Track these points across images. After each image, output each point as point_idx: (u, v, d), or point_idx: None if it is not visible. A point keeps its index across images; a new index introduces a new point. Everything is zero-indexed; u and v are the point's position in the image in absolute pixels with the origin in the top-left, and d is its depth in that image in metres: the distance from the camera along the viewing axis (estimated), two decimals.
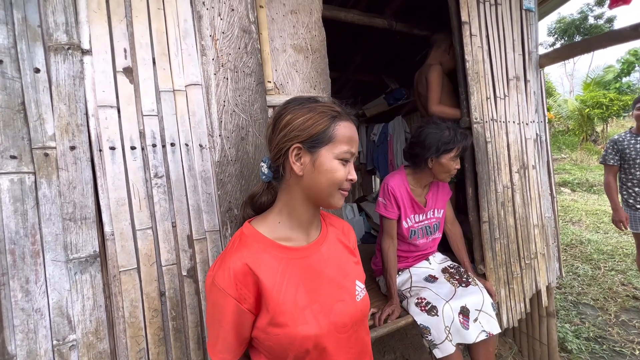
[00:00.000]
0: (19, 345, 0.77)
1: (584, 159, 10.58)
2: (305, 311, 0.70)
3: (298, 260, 0.75)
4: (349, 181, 0.74)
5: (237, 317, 0.68)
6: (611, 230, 4.56)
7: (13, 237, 0.77)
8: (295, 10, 1.25)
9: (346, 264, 0.82)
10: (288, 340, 0.68)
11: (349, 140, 0.72)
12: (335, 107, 0.74)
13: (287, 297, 0.70)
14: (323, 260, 0.78)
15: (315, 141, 0.71)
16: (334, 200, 0.74)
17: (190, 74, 1.00)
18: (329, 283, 0.76)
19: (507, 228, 1.72)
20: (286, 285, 0.71)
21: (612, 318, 2.54)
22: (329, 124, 0.71)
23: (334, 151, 0.71)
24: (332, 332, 0.72)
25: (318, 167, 0.71)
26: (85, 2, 0.87)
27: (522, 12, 1.84)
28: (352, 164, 0.75)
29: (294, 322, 0.68)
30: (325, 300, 0.74)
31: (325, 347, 0.71)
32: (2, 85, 0.78)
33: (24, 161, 0.79)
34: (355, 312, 0.77)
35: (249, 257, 0.70)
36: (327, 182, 0.71)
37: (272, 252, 0.73)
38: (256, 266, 0.69)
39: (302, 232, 0.78)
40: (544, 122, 1.97)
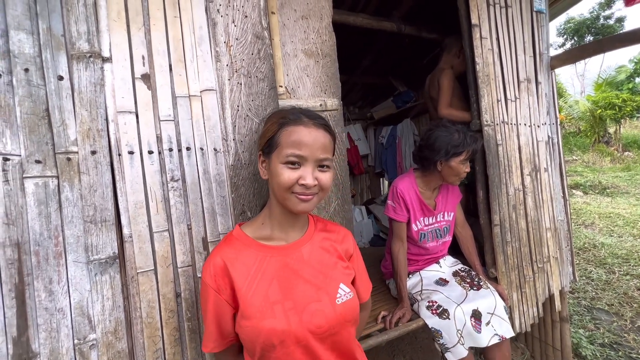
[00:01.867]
0: (42, 343, 0.79)
1: (596, 161, 10.38)
2: (276, 306, 0.73)
3: (274, 258, 0.79)
4: (302, 186, 0.73)
5: (217, 307, 0.75)
6: (626, 233, 4.46)
7: (37, 239, 0.80)
8: (306, 15, 1.27)
9: (331, 267, 0.83)
10: (255, 332, 0.71)
11: (294, 143, 0.73)
12: (285, 114, 0.78)
13: (258, 291, 0.74)
14: (302, 260, 0.81)
15: (268, 147, 0.78)
16: (290, 204, 0.75)
17: (205, 79, 1.03)
18: (305, 283, 0.78)
19: (518, 231, 1.71)
20: (259, 280, 0.75)
21: (627, 324, 2.48)
22: (276, 131, 0.77)
23: (279, 156, 0.74)
24: (302, 331, 0.73)
25: (270, 172, 0.77)
26: (106, 12, 0.90)
27: (532, 13, 1.83)
28: (313, 169, 0.74)
29: (262, 315, 0.72)
30: (298, 298, 0.76)
31: (294, 345, 0.72)
32: (27, 93, 0.81)
33: (47, 165, 0.82)
34: (334, 314, 0.77)
35: (227, 254, 0.78)
36: (277, 186, 0.75)
37: (251, 249, 0.79)
38: (231, 263, 0.76)
39: (282, 233, 0.83)
40: (555, 124, 1.95)
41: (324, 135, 0.76)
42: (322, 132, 0.76)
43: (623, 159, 10.44)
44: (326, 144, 0.76)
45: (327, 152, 0.77)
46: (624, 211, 5.51)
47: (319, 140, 0.75)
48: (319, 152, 0.74)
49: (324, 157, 0.75)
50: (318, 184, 0.75)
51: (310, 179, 0.73)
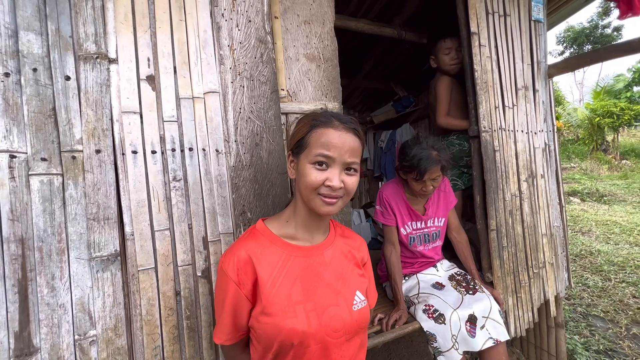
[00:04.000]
0: (44, 338, 0.80)
1: (594, 169, 10.44)
2: (297, 306, 0.74)
3: (298, 258, 0.80)
4: (328, 187, 0.74)
5: (235, 300, 0.75)
6: (622, 241, 4.49)
7: (41, 235, 0.81)
8: (309, 20, 1.30)
9: (349, 273, 0.85)
10: (276, 330, 0.72)
11: (323, 145, 0.74)
12: (317, 117, 0.79)
13: (281, 290, 0.75)
14: (324, 264, 0.82)
15: (298, 148, 0.79)
16: (314, 205, 0.76)
17: (209, 82, 1.05)
18: (326, 286, 0.79)
19: (515, 236, 1.73)
20: (283, 279, 0.76)
21: (622, 331, 2.49)
22: (307, 132, 0.77)
23: (309, 156, 0.75)
24: (320, 333, 0.74)
25: (299, 172, 0.78)
26: (113, 14, 0.92)
27: (530, 22, 1.86)
28: (340, 171, 0.75)
29: (284, 314, 0.73)
30: (319, 301, 0.77)
31: (311, 346, 0.74)
32: (35, 92, 0.83)
33: (53, 163, 0.84)
34: (350, 320, 0.78)
35: (253, 248, 0.77)
36: (303, 186, 0.76)
37: (276, 246, 0.79)
38: (256, 258, 0.76)
39: (306, 234, 0.83)
40: (552, 132, 1.98)
41: (353, 139, 0.76)
42: (351, 136, 0.77)
43: (620, 167, 10.51)
44: (354, 148, 0.76)
45: (355, 156, 0.77)
46: (620, 219, 5.54)
47: (347, 144, 0.75)
48: (347, 155, 0.75)
49: (351, 161, 0.76)
50: (344, 187, 0.75)
51: (337, 181, 0.74)
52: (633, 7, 1.57)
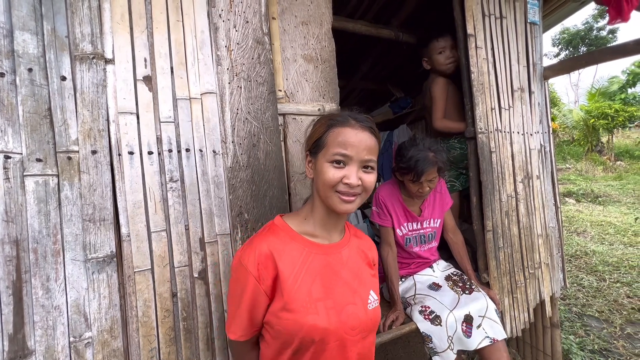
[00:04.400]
0: (38, 340, 0.79)
1: (589, 170, 10.53)
2: (318, 303, 0.75)
3: (318, 256, 0.80)
4: (346, 185, 0.75)
5: (254, 295, 0.75)
6: (616, 241, 4.53)
7: (36, 237, 0.81)
8: (306, 21, 1.30)
9: (363, 273, 0.86)
10: (297, 326, 0.73)
11: (340, 143, 0.75)
12: (334, 116, 0.81)
13: (302, 286, 0.75)
14: (342, 262, 0.83)
15: (315, 147, 0.81)
16: (332, 202, 0.77)
17: (206, 82, 1.05)
18: (344, 284, 0.80)
19: (511, 237, 1.74)
20: (304, 275, 0.76)
21: (617, 331, 2.52)
22: (324, 132, 0.79)
23: (326, 155, 0.77)
24: (339, 330, 0.76)
25: (317, 171, 0.80)
26: (110, 14, 0.92)
27: (526, 25, 1.88)
28: (357, 169, 0.76)
29: (306, 310, 0.73)
30: (338, 299, 0.78)
31: (330, 343, 0.75)
32: (30, 92, 0.82)
33: (48, 164, 0.83)
34: (366, 319, 0.80)
35: (274, 244, 0.77)
36: (321, 184, 0.77)
37: (296, 243, 0.80)
38: (278, 253, 0.76)
39: (324, 232, 0.84)
40: (548, 133, 2.00)
41: (369, 137, 0.78)
42: (367, 134, 0.78)
43: (615, 168, 10.61)
44: (371, 146, 0.78)
45: (372, 154, 0.78)
46: (615, 219, 5.60)
47: (364, 142, 0.76)
48: (364, 153, 0.76)
49: (368, 158, 0.77)
50: (361, 185, 0.76)
51: (355, 179, 0.75)
52: (622, 12, 1.59)
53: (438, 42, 1.92)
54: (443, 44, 1.91)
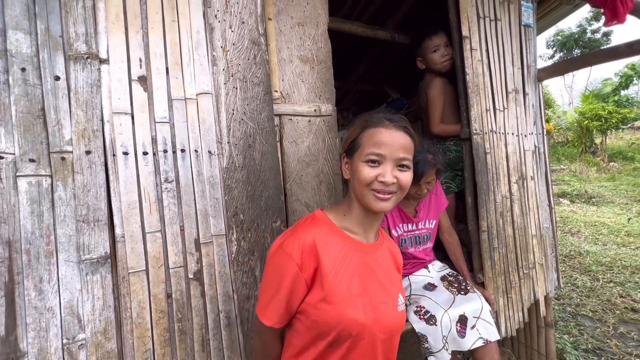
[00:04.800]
0: (31, 342, 0.79)
1: (582, 171, 10.64)
2: (357, 299, 0.76)
3: (357, 253, 0.82)
4: (381, 183, 0.76)
5: (294, 283, 0.75)
6: (610, 242, 4.58)
7: (29, 238, 0.80)
8: (303, 22, 1.30)
9: (393, 275, 0.88)
10: (337, 319, 0.74)
11: (375, 143, 0.77)
12: (369, 118, 0.83)
13: (343, 280, 0.76)
14: (377, 262, 0.84)
15: (351, 149, 0.83)
16: (367, 201, 0.79)
17: (202, 83, 1.04)
18: (378, 284, 0.82)
19: (505, 238, 1.75)
20: (344, 270, 0.78)
21: (610, 330, 2.54)
22: (359, 133, 0.82)
23: (361, 155, 0.79)
24: (374, 327, 0.77)
25: (352, 171, 0.82)
26: (104, 14, 0.92)
27: (521, 27, 1.90)
28: (392, 168, 0.77)
29: (346, 304, 0.74)
30: (373, 296, 0.79)
31: (365, 339, 0.76)
32: (23, 92, 0.81)
33: (42, 164, 0.82)
34: (395, 319, 0.82)
35: (318, 235, 0.78)
36: (357, 183, 0.79)
37: (338, 237, 0.81)
38: (321, 245, 0.77)
39: (362, 230, 0.85)
40: (542, 135, 2.02)
41: (403, 137, 0.79)
42: (401, 133, 0.79)
43: (608, 169, 10.73)
44: (405, 145, 0.79)
45: (407, 153, 0.79)
46: (608, 220, 5.66)
47: (398, 141, 0.78)
48: (399, 152, 0.77)
49: (403, 157, 0.78)
50: (397, 183, 0.77)
51: (389, 177, 0.76)
52: (618, 14, 1.61)
53: (432, 40, 1.87)
54: (437, 42, 1.87)
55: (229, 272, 1.05)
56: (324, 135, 1.29)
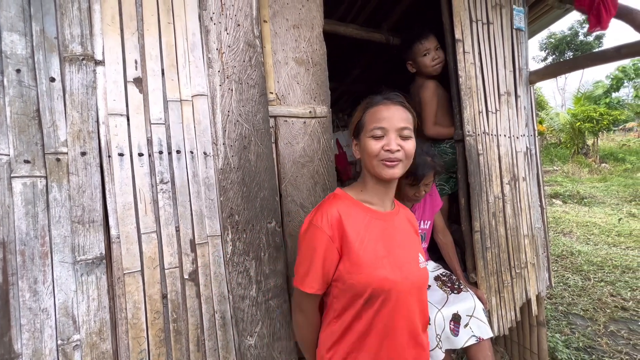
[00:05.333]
0: (25, 344, 0.79)
1: (575, 172, 10.78)
2: (384, 260, 0.86)
3: (378, 221, 0.92)
4: (387, 151, 0.85)
5: (327, 252, 0.85)
6: (601, 242, 4.65)
7: (23, 239, 0.80)
8: (298, 25, 1.31)
9: (411, 238, 0.99)
10: (369, 279, 0.83)
11: (377, 119, 0.88)
12: (369, 100, 0.94)
13: (368, 246, 0.86)
14: (395, 228, 0.95)
15: (357, 130, 0.94)
16: (378, 171, 0.88)
17: (197, 84, 1.05)
18: (399, 246, 0.92)
19: (498, 238, 1.77)
20: (369, 237, 0.88)
21: (601, 328, 2.59)
22: (362, 114, 0.93)
23: (366, 132, 0.90)
24: (404, 282, 0.86)
25: (362, 148, 0.92)
26: (100, 16, 0.92)
27: (512, 31, 1.93)
28: (395, 137, 0.86)
29: (374, 266, 0.85)
30: (397, 257, 0.89)
31: (397, 293, 0.85)
32: (18, 93, 0.82)
33: (36, 165, 0.83)
34: (419, 275, 0.92)
35: (342, 209, 0.88)
36: (367, 157, 0.89)
37: (358, 209, 0.91)
38: (346, 217, 0.87)
39: (379, 200, 0.95)
40: (534, 136, 2.05)
41: (402, 110, 0.89)
42: (399, 107, 0.89)
43: (600, 170, 10.89)
44: (404, 117, 0.89)
45: (407, 123, 0.88)
46: (599, 220, 5.75)
47: (397, 114, 0.88)
48: (399, 123, 0.87)
49: (403, 126, 0.87)
50: (402, 151, 0.87)
51: (394, 144, 0.85)
52: (601, 20, 1.64)
53: (422, 44, 1.87)
54: (427, 46, 1.86)
55: (224, 272, 1.06)
56: (319, 137, 1.30)
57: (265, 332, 1.12)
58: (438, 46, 1.87)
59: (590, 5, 1.66)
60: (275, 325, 1.14)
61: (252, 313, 1.10)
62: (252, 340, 1.09)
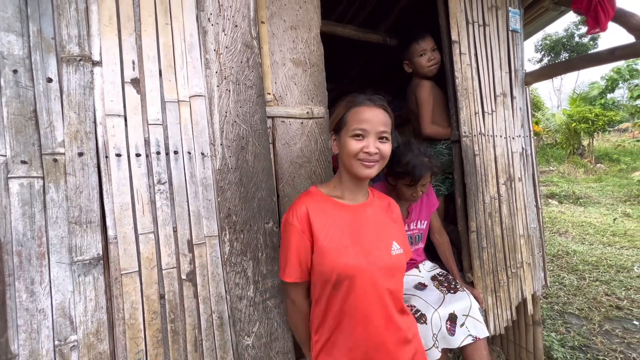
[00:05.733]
0: (22, 344, 0.79)
1: (571, 172, 10.86)
2: (348, 248, 0.93)
3: (346, 213, 0.98)
4: (366, 153, 0.91)
5: (300, 243, 0.93)
6: (596, 242, 4.69)
7: (20, 239, 0.80)
8: (295, 26, 1.32)
9: (386, 226, 1.04)
10: (332, 265, 0.90)
11: (359, 120, 0.93)
12: (353, 99, 0.98)
13: (334, 236, 0.94)
14: (367, 218, 1.00)
15: (338, 127, 0.99)
16: (355, 169, 0.94)
17: (195, 85, 1.05)
18: (369, 236, 0.98)
19: (494, 238, 1.79)
20: (335, 228, 0.95)
21: (596, 327, 2.61)
22: (345, 112, 0.97)
23: (348, 131, 0.94)
24: (370, 268, 0.92)
25: (341, 145, 0.97)
26: (97, 17, 0.92)
27: (508, 32, 1.95)
28: (374, 140, 0.92)
29: (338, 253, 0.92)
30: (364, 245, 0.95)
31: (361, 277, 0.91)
32: (15, 94, 0.81)
33: (33, 166, 0.83)
34: (390, 261, 0.96)
35: (310, 204, 0.96)
36: (345, 155, 0.95)
37: (327, 204, 0.99)
38: (313, 212, 0.95)
39: (351, 195, 1.02)
40: (529, 137, 2.07)
41: (383, 114, 0.95)
42: (381, 111, 0.95)
43: (595, 170, 10.98)
44: (384, 120, 0.95)
45: (386, 127, 0.95)
46: (595, 220, 5.80)
47: (378, 117, 0.93)
48: (379, 126, 0.93)
49: (383, 130, 0.93)
50: (379, 153, 0.93)
51: (373, 147, 0.91)
52: (599, 22, 1.66)
53: (419, 44, 1.88)
54: (424, 47, 1.87)
55: (221, 272, 1.06)
56: (317, 138, 1.31)
57: (262, 332, 1.12)
58: (435, 47, 1.88)
59: (587, 7, 1.68)
60: (272, 325, 1.14)
61: (250, 313, 1.10)
62: (249, 341, 1.09)
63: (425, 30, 1.91)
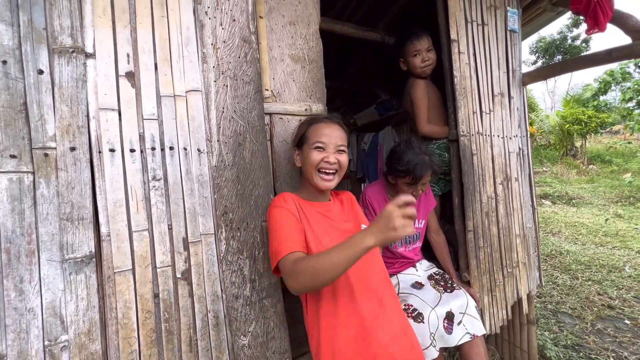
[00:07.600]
0: (10, 345, 0.76)
1: (564, 173, 10.98)
2: (323, 240, 1.01)
3: (313, 209, 1.09)
4: (326, 162, 1.04)
5: (295, 220, 0.99)
6: (588, 242, 4.74)
7: (9, 236, 0.77)
8: (294, 21, 1.30)
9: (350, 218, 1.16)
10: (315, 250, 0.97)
11: (320, 134, 1.05)
12: (314, 118, 1.12)
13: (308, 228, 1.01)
14: (331, 212, 1.12)
15: (301, 142, 1.10)
16: (316, 181, 1.06)
17: (191, 80, 1.03)
18: (336, 228, 1.08)
19: (490, 237, 1.79)
20: (307, 222, 1.03)
21: (588, 326, 2.64)
22: (306, 129, 1.09)
23: (309, 145, 1.06)
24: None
25: (303, 158, 1.09)
26: (91, 8, 0.89)
27: (506, 32, 1.95)
28: (334, 152, 1.05)
29: (316, 243, 0.99)
30: (333, 236, 1.04)
31: None
32: (4, 85, 0.79)
33: (23, 161, 0.80)
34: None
35: (292, 197, 1.06)
36: (308, 166, 1.06)
37: (303, 201, 1.08)
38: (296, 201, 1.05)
39: (315, 200, 1.12)
40: (526, 137, 2.07)
41: (339, 129, 1.09)
42: (337, 127, 1.09)
43: (588, 171, 11.11)
44: (341, 135, 1.08)
45: (343, 141, 1.08)
46: (587, 220, 5.86)
47: (335, 132, 1.07)
48: (337, 140, 1.06)
49: (340, 143, 1.07)
50: (338, 163, 1.05)
51: (332, 158, 1.04)
52: (599, 23, 1.67)
53: (413, 44, 1.84)
54: (418, 47, 1.83)
55: (217, 271, 1.04)
56: None
57: (259, 331, 1.10)
58: (430, 48, 1.86)
59: (586, 7, 1.68)
60: (269, 324, 1.13)
61: (246, 312, 1.08)
62: (245, 340, 1.08)
63: (422, 29, 1.88)
